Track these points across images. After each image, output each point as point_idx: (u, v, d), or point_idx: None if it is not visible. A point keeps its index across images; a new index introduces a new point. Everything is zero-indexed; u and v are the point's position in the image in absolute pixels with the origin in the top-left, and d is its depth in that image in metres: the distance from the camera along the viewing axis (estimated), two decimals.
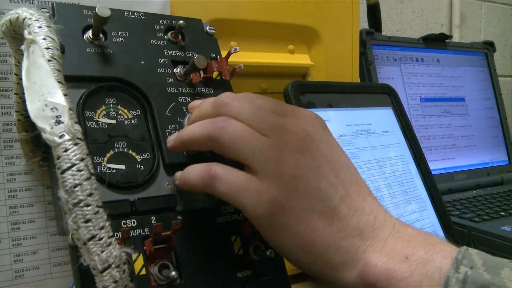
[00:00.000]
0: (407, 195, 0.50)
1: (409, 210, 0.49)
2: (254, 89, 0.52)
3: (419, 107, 0.82)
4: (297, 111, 0.30)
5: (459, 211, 0.65)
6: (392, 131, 0.53)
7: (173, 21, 0.38)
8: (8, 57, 0.36)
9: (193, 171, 0.29)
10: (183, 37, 0.38)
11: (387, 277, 0.26)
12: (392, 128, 0.53)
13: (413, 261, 0.26)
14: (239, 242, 0.32)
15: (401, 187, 0.49)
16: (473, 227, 0.59)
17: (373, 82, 0.75)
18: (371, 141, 0.50)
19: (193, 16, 0.40)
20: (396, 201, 0.48)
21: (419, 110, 0.82)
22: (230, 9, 0.49)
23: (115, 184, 0.29)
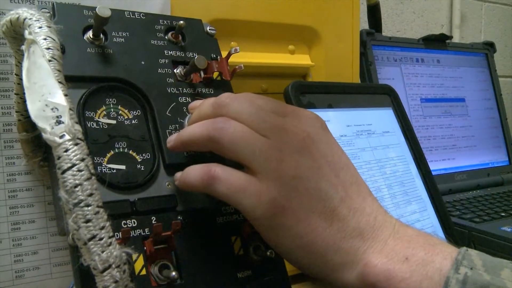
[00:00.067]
0: (408, 195, 0.50)
1: (409, 210, 0.49)
2: (254, 90, 0.52)
3: (419, 108, 0.82)
4: (297, 112, 0.30)
5: (459, 212, 0.65)
6: (392, 131, 0.53)
7: (173, 21, 0.38)
8: (8, 57, 0.36)
9: (193, 171, 0.29)
10: (183, 37, 0.38)
11: (387, 277, 0.26)
12: (392, 128, 0.53)
13: (413, 261, 0.26)
14: (239, 242, 0.32)
15: (402, 187, 0.49)
16: (473, 227, 0.59)
17: (374, 82, 0.75)
18: (372, 142, 0.50)
19: (194, 16, 0.40)
20: (396, 201, 0.48)
21: (419, 110, 0.82)
22: (230, 9, 0.49)
23: (116, 184, 0.29)
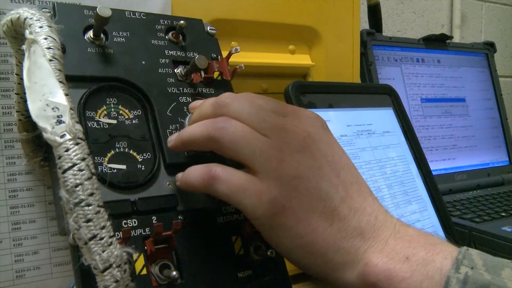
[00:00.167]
0: (408, 195, 0.50)
1: (409, 210, 0.49)
2: (254, 89, 0.52)
3: (419, 108, 0.82)
4: (297, 111, 0.30)
5: (460, 212, 0.65)
6: (392, 131, 0.53)
7: (174, 21, 0.38)
8: (9, 57, 0.36)
9: (194, 172, 0.29)
10: (184, 37, 0.38)
11: (387, 277, 0.26)
12: (392, 128, 0.53)
13: (414, 261, 0.26)
14: (239, 242, 0.32)
15: (402, 187, 0.49)
16: (474, 227, 0.59)
17: (374, 82, 0.75)
18: (372, 142, 0.50)
19: (194, 16, 0.40)
20: (396, 201, 0.48)
21: (420, 110, 0.82)
22: (230, 9, 0.49)
23: (116, 184, 0.29)
